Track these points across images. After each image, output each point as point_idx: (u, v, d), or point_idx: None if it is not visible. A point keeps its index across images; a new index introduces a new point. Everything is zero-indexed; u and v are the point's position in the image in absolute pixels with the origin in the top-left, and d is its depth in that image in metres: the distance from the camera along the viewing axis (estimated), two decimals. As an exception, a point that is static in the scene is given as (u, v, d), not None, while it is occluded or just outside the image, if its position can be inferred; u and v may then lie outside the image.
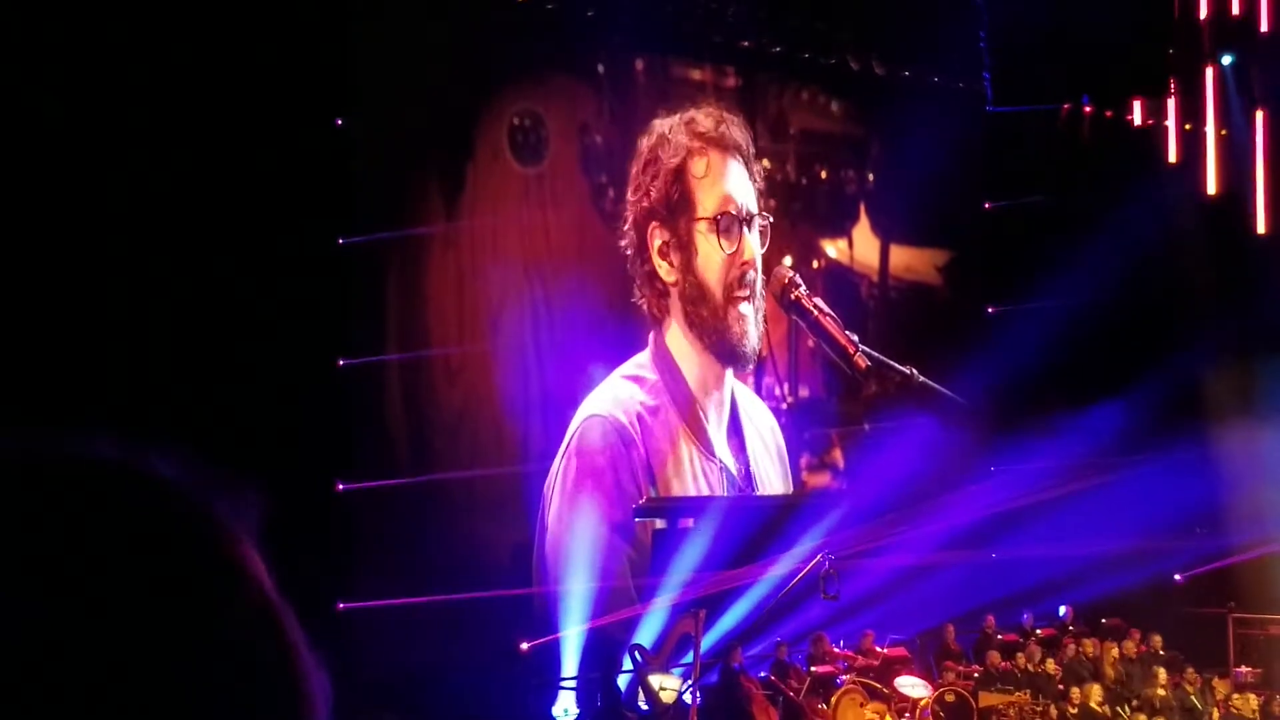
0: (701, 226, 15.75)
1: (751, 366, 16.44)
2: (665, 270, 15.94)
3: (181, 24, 14.16)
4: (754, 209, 16.03)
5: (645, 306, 16.09)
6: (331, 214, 15.27)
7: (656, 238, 15.87)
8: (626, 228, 15.96)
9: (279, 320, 14.40)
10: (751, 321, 16.01)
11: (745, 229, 15.86)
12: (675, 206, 15.76)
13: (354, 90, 15.77)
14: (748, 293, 15.97)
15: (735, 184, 15.96)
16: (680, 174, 15.79)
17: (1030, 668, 17.11)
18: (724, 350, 15.96)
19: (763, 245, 16.19)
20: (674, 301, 16.04)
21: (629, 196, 15.99)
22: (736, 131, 16.06)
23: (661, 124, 16.00)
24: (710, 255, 15.83)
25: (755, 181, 16.25)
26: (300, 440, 14.34)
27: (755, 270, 16.07)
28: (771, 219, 16.49)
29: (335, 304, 15.49)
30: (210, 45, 14.20)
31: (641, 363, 16.19)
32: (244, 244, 14.14)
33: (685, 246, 15.82)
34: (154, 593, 1.32)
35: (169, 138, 13.83)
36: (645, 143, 16.05)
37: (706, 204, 15.77)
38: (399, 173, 16.30)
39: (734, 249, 15.73)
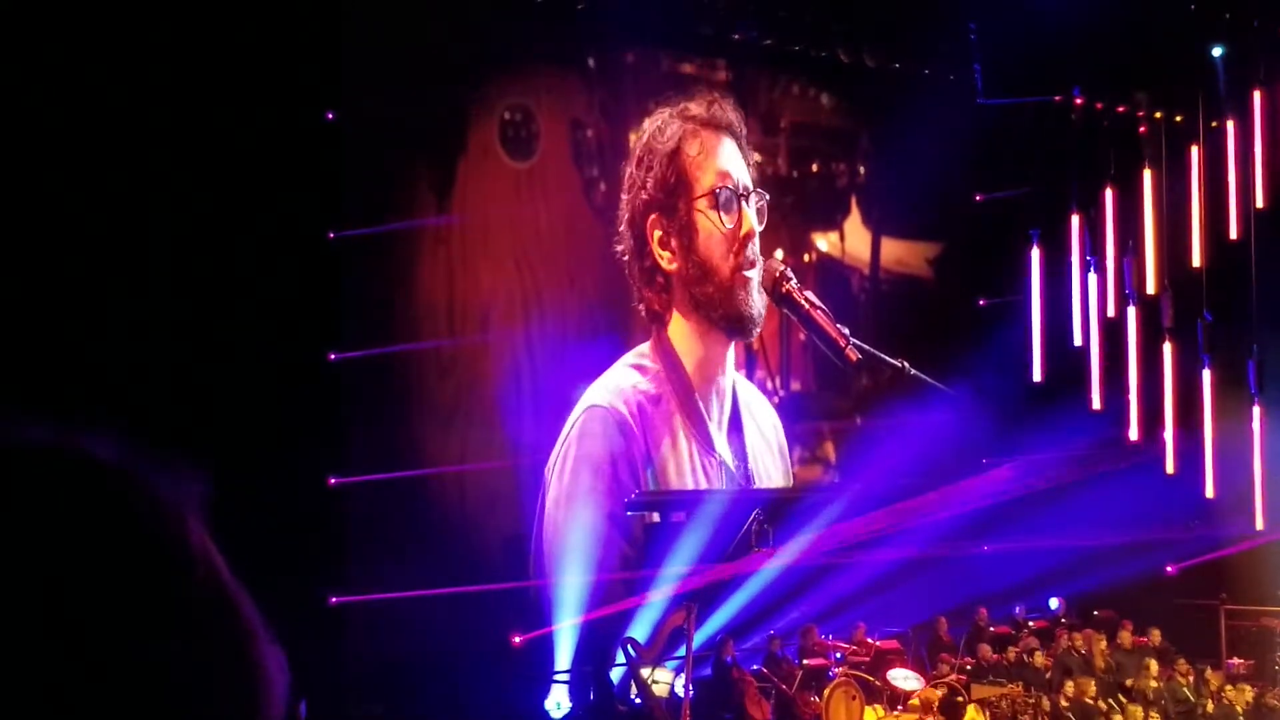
0: (701, 204, 15.82)
1: (757, 333, 16.43)
2: (666, 260, 15.94)
3: (172, 17, 14.13)
4: (750, 185, 16.13)
5: (645, 308, 16.11)
6: (322, 208, 15.25)
7: (656, 229, 15.89)
8: (622, 228, 15.96)
9: (270, 314, 14.38)
10: (755, 286, 16.09)
11: (744, 203, 15.96)
12: (673, 190, 15.80)
13: (345, 84, 15.75)
14: (752, 264, 16.07)
15: (730, 161, 16.06)
16: (675, 156, 15.85)
17: (1025, 659, 17.15)
18: (731, 320, 15.98)
19: (760, 223, 16.26)
20: (675, 291, 16.04)
21: (624, 196, 16.00)
22: (728, 112, 16.14)
23: (653, 119, 16.05)
24: (711, 233, 15.88)
25: (749, 160, 16.36)
26: (292, 435, 14.32)
27: (755, 242, 16.17)
28: (768, 196, 16.57)
29: (326, 298, 15.47)
30: (201, 39, 14.17)
31: (644, 352, 16.21)
32: (235, 238, 14.12)
33: (685, 229, 15.85)
34: (106, 578, 1.32)
35: (159, 131, 13.80)
36: (638, 141, 16.10)
37: (704, 182, 15.84)
38: (390, 167, 16.28)
39: (734, 223, 15.82)
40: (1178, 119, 18.73)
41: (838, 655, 16.10)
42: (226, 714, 1.37)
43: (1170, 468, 16.81)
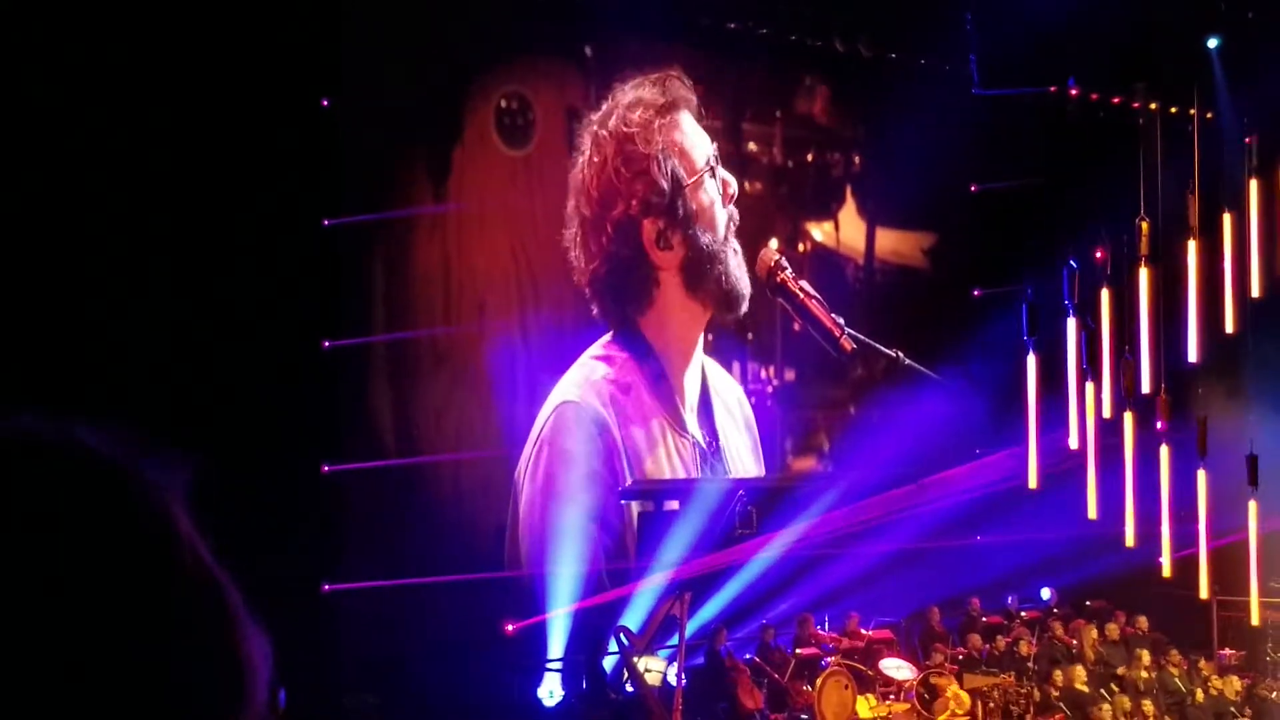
0: (705, 185, 16.11)
1: (745, 308, 16.56)
2: (665, 257, 16.08)
3: (170, 4, 14.12)
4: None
5: (618, 311, 16.19)
6: (317, 195, 15.23)
7: (654, 231, 15.99)
8: (612, 249, 16.01)
9: (264, 302, 14.37)
10: (741, 258, 16.36)
11: (719, 165, 16.35)
12: (673, 189, 15.94)
13: (341, 71, 15.73)
14: (735, 224, 16.42)
15: (698, 132, 16.42)
16: (667, 157, 15.96)
17: (1015, 651, 17.18)
18: (730, 297, 16.18)
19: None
20: (668, 278, 16.16)
21: (611, 215, 16.01)
22: (683, 86, 16.37)
23: (615, 124, 16.09)
24: (707, 203, 16.12)
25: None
26: (286, 422, 14.32)
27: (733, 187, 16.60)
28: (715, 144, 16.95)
29: (321, 286, 15.46)
30: (197, 26, 14.16)
31: (607, 342, 16.28)
32: (229, 225, 14.11)
33: (687, 217, 16.02)
34: (89, 563, 1.33)
35: (156, 118, 13.78)
36: (606, 153, 16.10)
37: (697, 158, 16.11)
38: (385, 155, 16.27)
39: (722, 186, 16.18)
40: (1172, 110, 18.73)
41: (828, 645, 16.13)
42: (210, 700, 1.38)
43: (1167, 571, 16.68)
